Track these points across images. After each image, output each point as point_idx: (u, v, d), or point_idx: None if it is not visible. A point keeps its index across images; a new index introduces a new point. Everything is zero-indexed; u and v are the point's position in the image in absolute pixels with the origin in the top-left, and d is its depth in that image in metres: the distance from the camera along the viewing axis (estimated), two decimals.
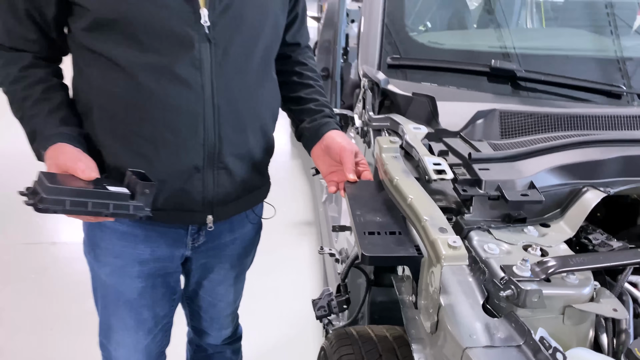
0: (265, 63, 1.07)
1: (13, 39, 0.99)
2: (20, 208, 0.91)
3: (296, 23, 1.19)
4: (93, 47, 0.95)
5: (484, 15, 1.61)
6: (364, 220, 0.93)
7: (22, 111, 0.99)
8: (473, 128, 1.14)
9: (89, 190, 0.88)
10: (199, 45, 0.95)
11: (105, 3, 0.90)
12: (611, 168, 1.01)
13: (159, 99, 0.95)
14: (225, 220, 1.13)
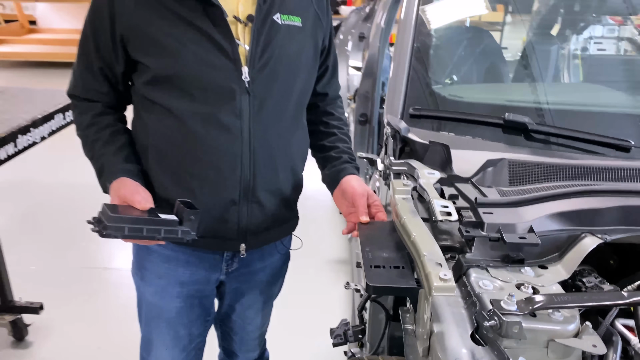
0: (297, 111, 1.22)
1: (88, 91, 1.18)
2: (79, 235, 1.08)
3: (326, 76, 1.34)
4: (151, 97, 1.13)
5: (504, 69, 1.72)
6: (371, 256, 1.03)
7: (93, 151, 1.17)
8: (484, 175, 1.23)
9: (144, 218, 1.04)
10: (239, 97, 1.10)
11: (163, 62, 1.08)
12: (609, 217, 1.08)
13: (204, 142, 1.11)
14: (256, 249, 1.26)
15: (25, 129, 1.79)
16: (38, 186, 3.86)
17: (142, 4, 1.06)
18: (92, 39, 1.13)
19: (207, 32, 1.07)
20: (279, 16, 1.13)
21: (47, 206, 3.56)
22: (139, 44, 1.09)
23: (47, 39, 8.08)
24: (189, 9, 1.06)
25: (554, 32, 2.39)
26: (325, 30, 1.26)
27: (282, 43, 1.13)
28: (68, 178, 3.72)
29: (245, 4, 1.11)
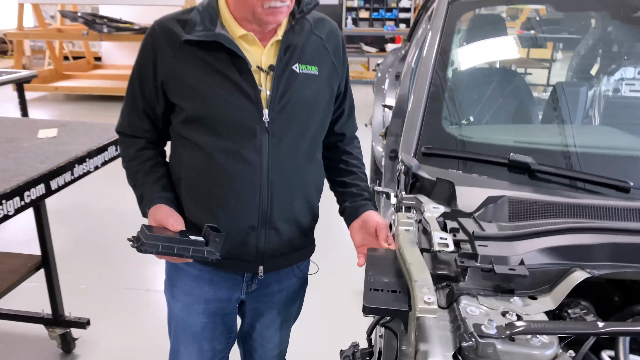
0: (311, 149, 1.36)
1: (133, 129, 1.37)
2: (126, 257, 1.24)
3: (342, 118, 1.47)
4: (185, 134, 1.30)
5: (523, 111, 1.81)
6: (373, 280, 1.14)
7: (135, 181, 1.35)
8: (485, 211, 1.31)
9: (175, 238, 1.20)
10: (260, 135, 1.26)
11: (196, 105, 1.25)
12: (599, 253, 1.14)
13: (228, 174, 1.26)
14: (274, 272, 1.39)
15: (81, 159, 2.01)
16: (91, 211, 4.15)
17: (180, 55, 1.24)
18: (138, 83, 1.31)
19: (234, 80, 1.23)
20: (298, 66, 1.28)
21: (99, 230, 3.83)
22: (176, 89, 1.26)
23: (110, 74, 8.67)
24: (219, 60, 1.23)
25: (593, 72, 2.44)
26: (341, 77, 1.40)
27: (299, 89, 1.28)
28: (117, 204, 3.98)
29: (268, 55, 1.27)
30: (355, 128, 1.54)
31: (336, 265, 2.78)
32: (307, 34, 1.31)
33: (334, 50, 1.36)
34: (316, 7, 1.33)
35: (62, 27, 8.58)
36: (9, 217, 1.67)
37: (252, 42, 1.26)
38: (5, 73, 4.33)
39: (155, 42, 1.27)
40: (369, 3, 9.92)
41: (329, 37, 1.36)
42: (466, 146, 1.56)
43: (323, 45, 1.34)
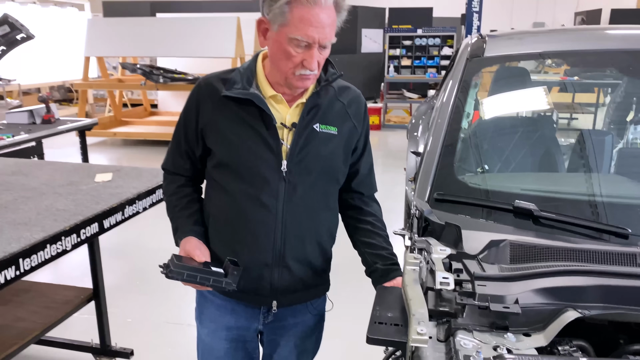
0: (325, 198, 1.51)
1: (176, 166, 1.58)
2: (170, 294, 1.42)
3: (359, 175, 1.59)
4: (215, 177, 1.49)
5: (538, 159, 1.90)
6: (378, 314, 1.26)
7: (173, 213, 1.55)
8: (489, 253, 1.42)
9: (199, 269, 1.37)
10: (277, 183, 1.42)
11: (226, 152, 1.44)
12: (592, 294, 1.22)
13: (248, 215, 1.43)
14: (289, 307, 1.53)
15: (131, 200, 2.24)
16: (139, 249, 4.41)
17: (218, 108, 1.44)
18: (183, 128, 1.52)
19: (260, 133, 1.42)
20: (318, 125, 1.45)
21: (146, 266, 4.06)
22: (212, 136, 1.46)
23: (164, 120, 9.22)
24: (250, 115, 1.42)
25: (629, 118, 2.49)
26: (360, 135, 1.54)
27: (317, 146, 1.44)
28: (163, 243, 4.22)
29: (293, 114, 1.45)
30: (373, 188, 1.65)
31: (354, 303, 2.86)
32: (331, 99, 1.48)
33: (355, 114, 1.51)
34: (340, 77, 1.50)
35: (123, 78, 9.25)
36: (67, 252, 1.89)
37: (280, 101, 1.45)
38: (70, 121, 4.76)
39: (200, 95, 1.48)
40: (411, 51, 10.18)
41: (350, 102, 1.51)
42: (476, 193, 1.67)
43: (345, 109, 1.50)
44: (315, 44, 1.32)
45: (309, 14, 1.28)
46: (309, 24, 1.29)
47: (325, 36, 1.32)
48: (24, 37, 3.17)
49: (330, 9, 1.32)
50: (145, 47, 8.21)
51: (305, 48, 1.32)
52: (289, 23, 1.30)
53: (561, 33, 2.51)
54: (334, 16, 1.34)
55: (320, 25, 1.30)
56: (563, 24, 15.60)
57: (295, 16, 1.29)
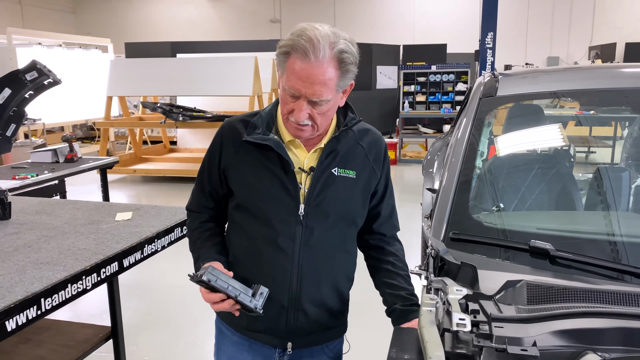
0: (342, 241, 1.52)
1: (200, 207, 1.61)
2: (188, 331, 1.42)
3: (381, 218, 1.60)
4: (235, 218, 1.52)
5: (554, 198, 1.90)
6: (395, 356, 1.25)
7: (195, 245, 1.57)
8: (505, 294, 1.41)
9: (231, 279, 1.36)
10: (295, 226, 1.45)
11: (246, 194, 1.48)
12: (611, 337, 1.20)
13: (265, 258, 1.45)
14: (305, 349, 1.52)
15: (150, 239, 2.27)
16: (158, 287, 4.43)
17: (238, 151, 1.48)
18: (207, 169, 1.57)
19: (279, 177, 1.45)
20: (337, 169, 1.47)
21: (164, 304, 4.08)
22: (233, 178, 1.50)
23: (184, 157, 9.38)
24: (269, 159, 1.46)
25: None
26: (380, 178, 1.56)
27: (334, 190, 1.46)
28: (181, 281, 4.25)
29: (311, 158, 1.48)
30: (395, 229, 1.67)
31: (372, 344, 2.82)
32: (350, 143, 1.51)
33: (375, 158, 1.53)
34: (360, 122, 1.53)
35: (143, 116, 9.48)
36: (87, 292, 1.92)
37: (298, 146, 1.48)
38: (92, 160, 4.88)
39: (223, 137, 1.53)
40: (426, 87, 10.29)
41: (370, 146, 1.53)
42: (491, 232, 1.67)
43: (364, 153, 1.52)
44: (302, 97, 1.34)
45: (299, 67, 1.31)
46: (297, 77, 1.31)
47: (314, 92, 1.32)
48: (51, 82, 3.30)
49: (325, 67, 1.30)
50: (166, 86, 8.44)
51: (295, 98, 1.35)
52: (284, 72, 1.35)
53: (574, 72, 2.54)
54: (331, 75, 1.32)
55: (309, 81, 1.31)
56: (576, 61, 15.66)
57: (289, 67, 1.33)
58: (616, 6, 16.07)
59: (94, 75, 10.83)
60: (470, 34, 15.59)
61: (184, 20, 18.70)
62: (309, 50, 1.29)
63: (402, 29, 17.06)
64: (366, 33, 16.70)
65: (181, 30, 18.18)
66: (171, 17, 18.91)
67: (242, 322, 1.53)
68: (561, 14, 16.54)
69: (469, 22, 16.32)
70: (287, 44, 1.32)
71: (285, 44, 1.33)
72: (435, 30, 16.72)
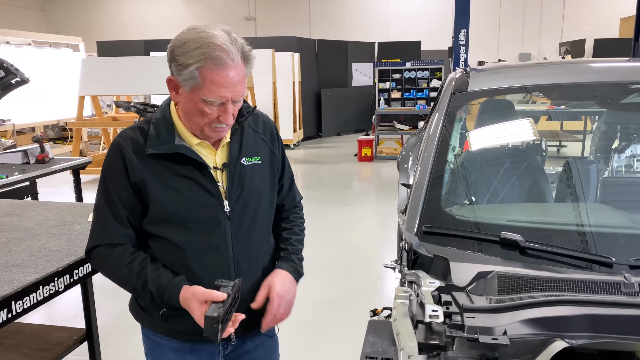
0: (265, 227, 1.57)
1: (117, 238, 1.44)
2: None
3: (282, 191, 1.66)
4: (156, 232, 1.45)
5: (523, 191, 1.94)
6: (369, 349, 1.27)
7: (144, 277, 1.41)
8: (477, 285, 1.44)
9: (227, 308, 1.34)
10: (224, 223, 1.46)
11: (166, 208, 1.42)
12: (578, 324, 1.24)
13: (200, 261, 1.45)
14: (246, 335, 1.55)
15: None
16: None
17: (146, 165, 1.40)
18: (116, 194, 1.42)
19: (197, 181, 1.44)
20: (245, 159, 1.50)
21: None
22: (147, 193, 1.41)
23: None
24: (182, 166, 1.42)
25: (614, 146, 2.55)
26: (278, 156, 1.61)
27: (249, 178, 1.50)
28: None
29: (221, 155, 1.49)
30: (295, 198, 1.71)
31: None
32: (247, 131, 1.54)
33: (270, 140, 1.59)
34: (254, 111, 1.55)
35: (117, 115, 9.34)
36: (59, 293, 1.89)
37: (207, 147, 1.47)
38: (64, 160, 4.79)
39: (123, 152, 1.41)
40: (401, 84, 10.36)
41: (264, 129, 1.59)
42: (463, 225, 1.70)
43: (261, 137, 1.57)
44: (228, 102, 1.36)
45: (219, 76, 1.31)
46: (220, 86, 1.32)
47: (237, 93, 1.36)
48: (19, 81, 3.23)
49: (240, 66, 1.35)
50: (140, 85, 8.33)
51: (220, 106, 1.36)
52: (200, 86, 1.33)
53: (544, 67, 2.59)
54: (244, 71, 1.37)
55: (232, 85, 1.34)
56: (545, 57, 15.96)
57: (207, 79, 1.31)
58: (585, 3, 16.42)
59: (65, 75, 10.62)
60: (444, 31, 15.76)
61: (157, 19, 18.45)
62: (223, 58, 1.31)
63: (377, 27, 17.15)
64: (341, 31, 16.75)
65: (154, 29, 17.94)
66: (144, 15, 18.65)
67: (184, 327, 1.46)
68: (532, 11, 16.83)
69: (443, 20, 16.50)
70: (195, 60, 1.30)
71: (192, 60, 1.30)
72: (409, 27, 16.84)
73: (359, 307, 3.81)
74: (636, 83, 2.02)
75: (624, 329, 1.22)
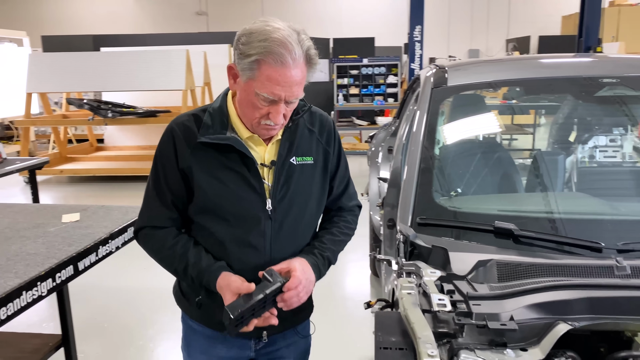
0: (308, 229, 1.55)
1: (163, 220, 1.49)
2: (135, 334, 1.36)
3: (332, 194, 1.62)
4: (200, 221, 1.47)
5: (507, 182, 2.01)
6: (382, 339, 1.29)
7: (185, 262, 1.44)
8: (477, 273, 1.48)
9: (253, 305, 1.34)
10: (264, 222, 1.45)
11: (209, 198, 1.42)
12: (579, 307, 1.30)
13: (237, 257, 1.44)
14: (278, 334, 1.55)
15: (105, 240, 2.18)
16: (99, 291, 4.23)
17: (195, 153, 1.42)
18: (163, 177, 1.46)
19: (243, 175, 1.43)
20: (295, 158, 1.48)
21: (109, 309, 3.91)
22: (193, 180, 1.43)
23: (112, 155, 8.98)
24: (229, 159, 1.43)
25: (572, 138, 2.67)
26: (334, 157, 1.58)
27: (296, 179, 1.48)
28: (124, 283, 4.12)
29: (270, 152, 1.48)
30: (348, 203, 1.67)
31: (334, 325, 2.86)
32: (302, 129, 1.51)
33: (326, 140, 1.55)
34: (310, 109, 1.53)
35: (67, 113, 8.96)
36: (42, 298, 1.81)
37: (258, 141, 1.46)
38: (19, 160, 4.57)
39: (175, 138, 1.44)
40: (358, 80, 10.46)
41: (321, 129, 1.55)
42: (456, 216, 1.74)
43: (316, 137, 1.54)
44: (281, 101, 1.34)
45: (277, 73, 1.30)
46: (275, 83, 1.30)
47: (292, 94, 1.34)
48: None
49: (300, 67, 1.33)
50: (91, 82, 8.01)
51: (271, 103, 1.34)
52: (256, 79, 1.31)
53: (514, 62, 2.68)
54: (304, 73, 1.35)
55: (288, 85, 1.32)
56: (493, 55, 16.50)
57: (263, 74, 1.30)
58: (529, 1, 17.08)
59: (9, 71, 10.09)
60: (397, 27, 16.02)
61: (105, 13, 17.81)
62: (284, 55, 1.29)
63: (330, 23, 17.20)
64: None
65: (102, 23, 17.32)
66: (91, 10, 17.96)
67: (217, 317, 1.47)
68: (480, 9, 17.34)
69: (395, 16, 16.75)
70: (257, 52, 1.29)
71: (254, 52, 1.29)
72: (362, 23, 16.99)
73: (330, 302, 3.84)
74: (607, 77, 2.13)
75: (621, 309, 1.29)
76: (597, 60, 2.58)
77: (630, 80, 2.20)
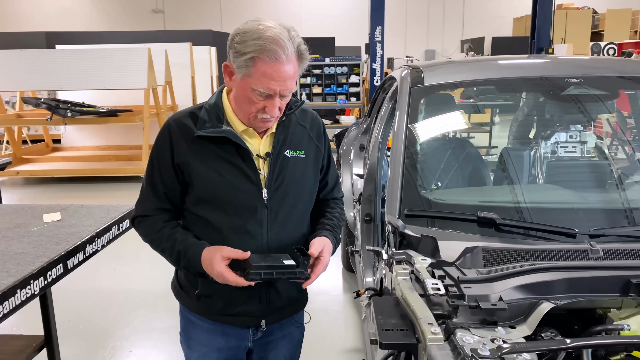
0: (302, 218, 1.63)
1: (156, 210, 1.57)
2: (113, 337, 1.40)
3: (327, 187, 1.73)
4: (197, 212, 1.54)
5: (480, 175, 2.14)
6: (383, 322, 1.38)
7: (173, 240, 1.52)
8: (464, 259, 1.59)
9: (273, 265, 1.43)
10: (260, 211, 1.52)
11: (207, 189, 1.50)
12: (559, 287, 1.43)
13: (235, 245, 1.49)
14: (276, 323, 1.62)
15: (91, 239, 2.18)
16: (70, 293, 4.15)
17: (192, 147, 1.49)
18: (158, 171, 1.54)
19: (239, 166, 1.50)
20: (288, 151, 1.56)
21: (82, 310, 3.85)
22: (190, 174, 1.50)
23: (70, 156, 8.74)
24: (226, 151, 1.50)
25: (531, 135, 2.84)
26: (324, 154, 1.68)
27: (290, 170, 1.56)
28: (94, 284, 4.06)
29: (265, 144, 1.55)
30: (339, 194, 1.79)
31: (327, 314, 2.93)
32: (294, 125, 1.61)
33: (317, 136, 1.65)
34: (302, 105, 1.62)
35: (22, 113, 8.66)
36: (35, 297, 1.81)
37: (252, 134, 1.54)
38: None
39: (172, 134, 1.52)
40: (321, 79, 10.57)
41: (312, 125, 1.65)
42: (440, 207, 1.86)
43: (307, 133, 1.63)
44: (276, 95, 1.43)
45: (271, 69, 1.38)
46: (270, 78, 1.39)
47: (286, 88, 1.42)
48: None
49: (293, 62, 1.41)
50: (47, 80, 7.78)
51: (267, 97, 1.43)
52: (252, 75, 1.40)
53: (484, 63, 2.83)
54: (296, 68, 1.43)
55: (282, 79, 1.39)
56: (450, 57, 16.97)
57: (258, 70, 1.39)
58: (482, 3, 17.64)
59: None
60: (357, 27, 16.23)
61: (55, 9, 17.26)
62: (278, 52, 1.37)
63: (290, 22, 17.18)
64: None
65: (54, 20, 16.78)
66: (42, 6, 17.36)
67: (216, 308, 1.57)
68: (435, 10, 17.80)
69: (354, 16, 16.97)
70: (252, 50, 1.37)
71: (249, 50, 1.37)
72: (322, 23, 17.14)
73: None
74: (572, 77, 2.29)
75: (596, 288, 1.43)
76: (566, 61, 2.76)
77: (591, 80, 2.37)
